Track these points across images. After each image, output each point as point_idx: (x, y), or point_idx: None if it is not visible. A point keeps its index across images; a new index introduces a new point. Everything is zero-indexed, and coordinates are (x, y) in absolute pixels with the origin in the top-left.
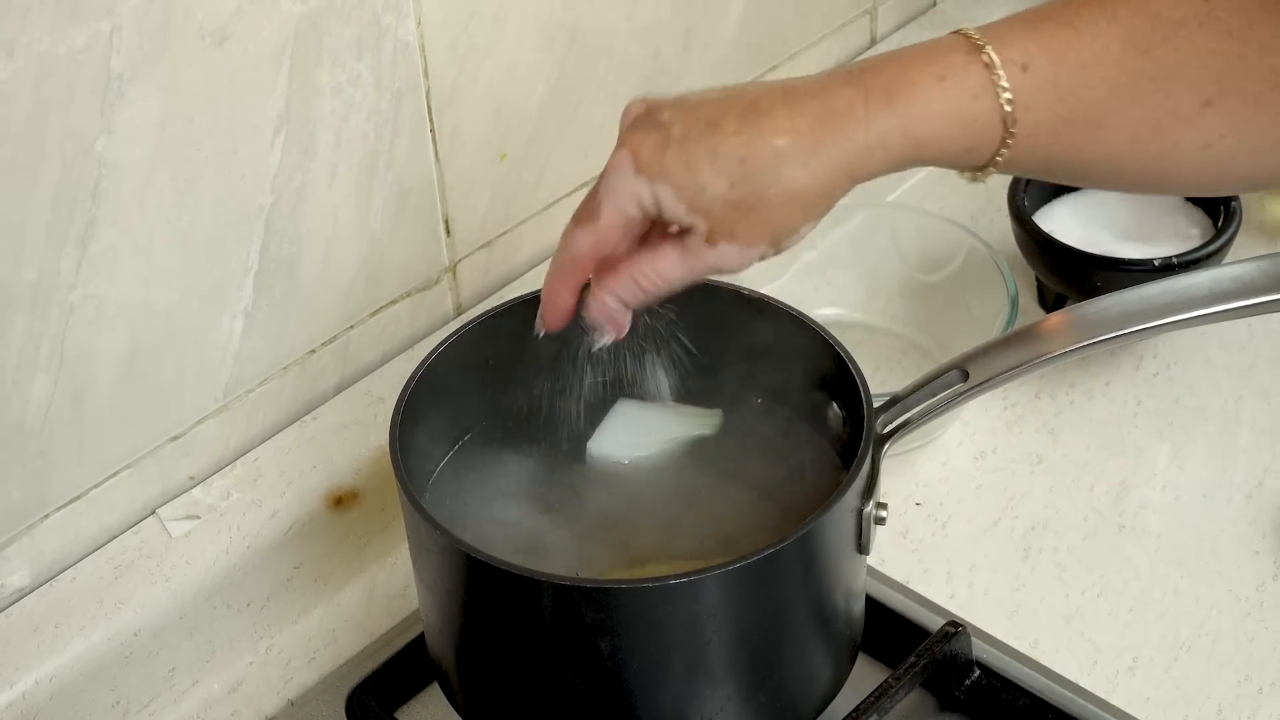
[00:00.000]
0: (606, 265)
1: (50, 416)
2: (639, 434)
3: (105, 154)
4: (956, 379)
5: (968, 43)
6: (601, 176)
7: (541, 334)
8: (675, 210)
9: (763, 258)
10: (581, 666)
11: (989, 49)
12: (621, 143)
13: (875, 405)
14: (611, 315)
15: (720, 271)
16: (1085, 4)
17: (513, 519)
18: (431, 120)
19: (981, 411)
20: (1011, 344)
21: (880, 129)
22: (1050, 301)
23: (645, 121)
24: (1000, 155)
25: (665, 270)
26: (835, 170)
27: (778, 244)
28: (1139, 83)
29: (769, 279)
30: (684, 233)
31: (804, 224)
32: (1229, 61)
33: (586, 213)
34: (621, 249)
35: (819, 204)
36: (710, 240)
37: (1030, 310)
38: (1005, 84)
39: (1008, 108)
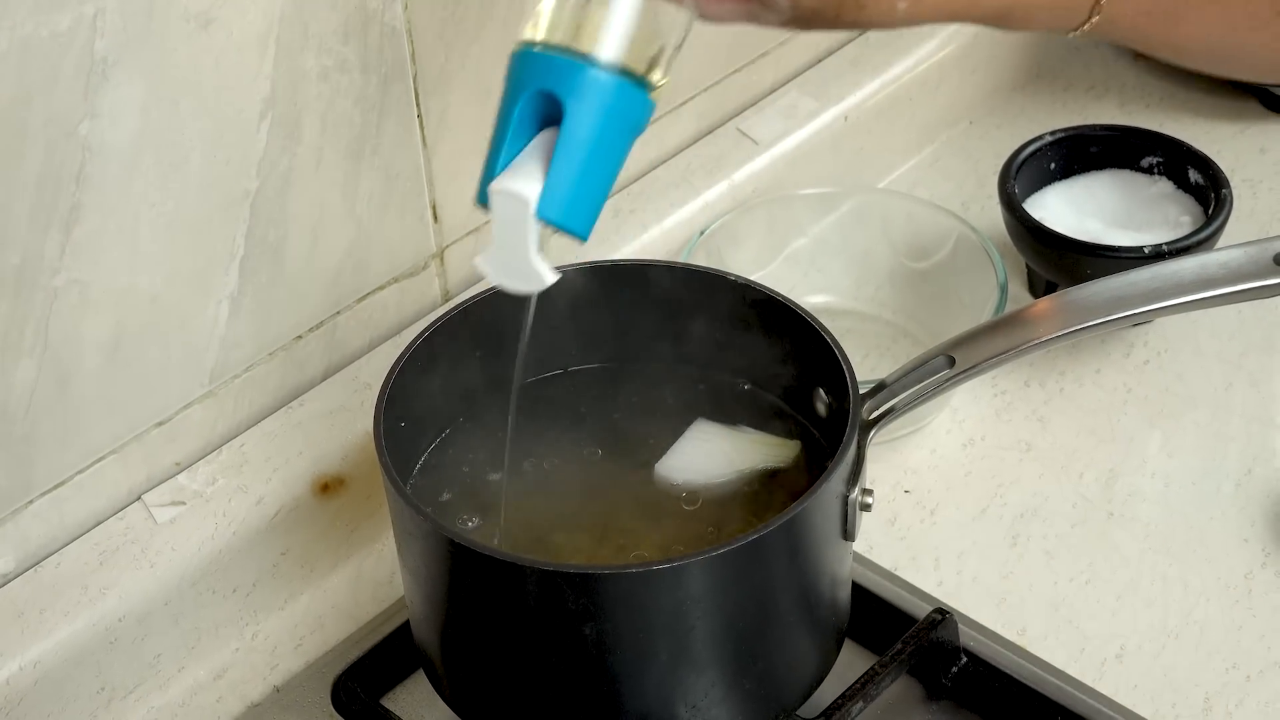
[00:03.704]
0: None
1: (34, 402)
2: (711, 460)
3: (89, 138)
4: (943, 365)
5: None
6: None
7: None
8: None
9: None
10: (566, 652)
11: None
12: None
13: (861, 391)
14: None
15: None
16: None
17: (497, 505)
18: (419, 105)
19: (971, 399)
20: (999, 329)
21: None
22: (1040, 289)
23: None
24: (1078, 30)
25: None
26: None
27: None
28: None
29: (758, 266)
30: None
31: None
32: None
33: None
34: None
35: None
36: None
37: (1020, 298)
38: None
39: None
